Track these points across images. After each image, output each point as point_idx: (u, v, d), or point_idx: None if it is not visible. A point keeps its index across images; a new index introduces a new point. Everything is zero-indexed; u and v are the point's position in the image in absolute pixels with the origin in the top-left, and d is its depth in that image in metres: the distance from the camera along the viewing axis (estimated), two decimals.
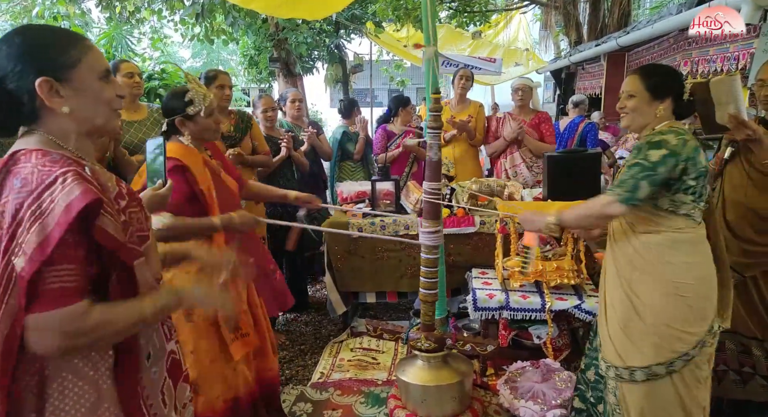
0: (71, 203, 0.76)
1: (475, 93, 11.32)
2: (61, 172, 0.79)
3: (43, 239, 0.75)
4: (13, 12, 6.90)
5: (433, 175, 1.89)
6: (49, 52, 0.84)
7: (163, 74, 4.76)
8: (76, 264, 0.79)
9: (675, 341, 1.46)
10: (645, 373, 1.48)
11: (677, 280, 1.45)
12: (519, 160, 3.35)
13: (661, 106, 1.49)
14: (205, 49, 15.08)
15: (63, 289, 0.77)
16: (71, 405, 0.83)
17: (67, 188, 0.77)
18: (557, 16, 8.00)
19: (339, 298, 2.79)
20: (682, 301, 1.45)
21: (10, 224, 0.76)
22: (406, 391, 1.94)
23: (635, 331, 1.50)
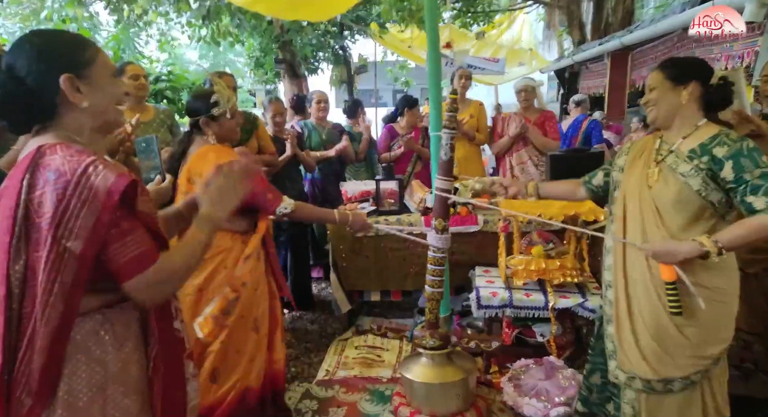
0: (111, 187, 0.85)
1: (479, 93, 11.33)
2: (90, 161, 0.86)
3: (95, 222, 0.84)
4: (22, 15, 6.99)
5: (445, 174, 1.90)
6: (68, 51, 0.92)
7: (170, 76, 4.81)
8: (140, 230, 0.90)
9: (711, 347, 1.44)
10: (683, 383, 1.45)
11: (721, 286, 1.43)
12: (526, 157, 3.35)
13: (684, 92, 1.41)
14: (211, 51, 15.15)
15: (142, 253, 0.89)
16: (83, 385, 0.89)
17: (101, 174, 0.85)
18: (561, 16, 7.99)
19: (344, 296, 2.81)
20: (721, 308, 1.43)
21: (55, 212, 0.82)
22: (411, 389, 1.96)
23: (671, 341, 1.44)
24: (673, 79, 1.43)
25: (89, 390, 0.89)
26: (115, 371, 0.92)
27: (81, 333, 0.90)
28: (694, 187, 1.39)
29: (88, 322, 0.91)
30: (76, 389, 0.88)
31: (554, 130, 3.37)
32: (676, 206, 1.42)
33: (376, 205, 2.89)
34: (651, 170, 1.48)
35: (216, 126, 1.72)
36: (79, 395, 0.88)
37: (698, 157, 1.40)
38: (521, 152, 3.36)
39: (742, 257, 1.84)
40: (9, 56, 0.90)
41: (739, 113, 1.77)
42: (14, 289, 0.83)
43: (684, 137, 1.45)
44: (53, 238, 0.83)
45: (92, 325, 0.91)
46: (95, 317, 0.92)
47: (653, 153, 1.51)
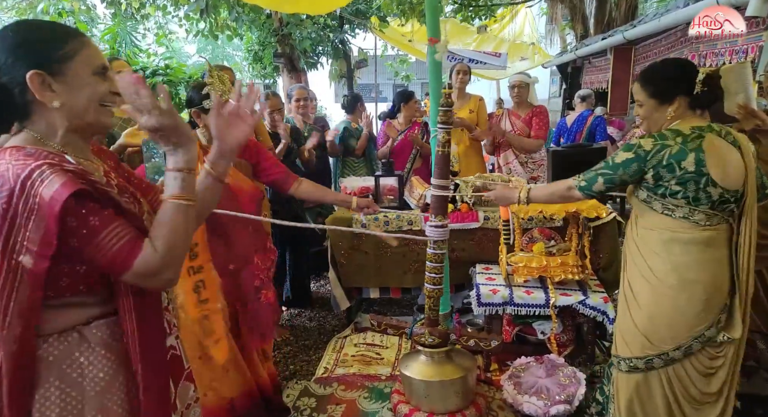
0: (54, 196, 0.75)
1: (481, 88, 11.28)
2: (35, 165, 0.77)
3: (44, 234, 0.75)
4: (18, 8, 6.93)
5: (442, 170, 1.88)
6: (43, 45, 0.83)
7: (167, 70, 4.76)
8: (115, 222, 0.80)
9: (656, 339, 1.47)
10: (627, 364, 1.53)
11: (662, 278, 1.46)
12: (512, 157, 3.36)
13: (670, 108, 1.47)
14: (210, 45, 15.07)
15: (122, 246, 0.80)
16: (57, 412, 0.82)
17: (47, 180, 0.76)
18: (563, 10, 7.93)
19: (343, 293, 2.79)
20: (668, 301, 1.45)
21: (2, 224, 0.76)
22: (410, 387, 1.94)
23: (626, 322, 1.54)
24: (657, 97, 1.49)
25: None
26: (93, 396, 0.84)
27: (54, 354, 0.82)
28: None
29: (62, 343, 0.84)
30: (48, 416, 0.81)
31: (539, 127, 3.33)
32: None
33: (375, 201, 2.86)
34: None
35: (206, 118, 1.69)
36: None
37: None
38: (507, 152, 3.38)
39: None
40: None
41: (745, 107, 1.75)
42: None
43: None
44: (2, 253, 0.76)
45: (66, 346, 0.84)
46: (70, 336, 0.84)
47: None
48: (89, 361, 0.85)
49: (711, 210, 1.42)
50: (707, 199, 1.41)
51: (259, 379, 1.81)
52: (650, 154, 1.41)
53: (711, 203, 1.41)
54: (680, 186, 1.41)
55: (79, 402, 0.83)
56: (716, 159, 1.40)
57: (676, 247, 1.44)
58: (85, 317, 0.86)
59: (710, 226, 1.44)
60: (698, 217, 1.43)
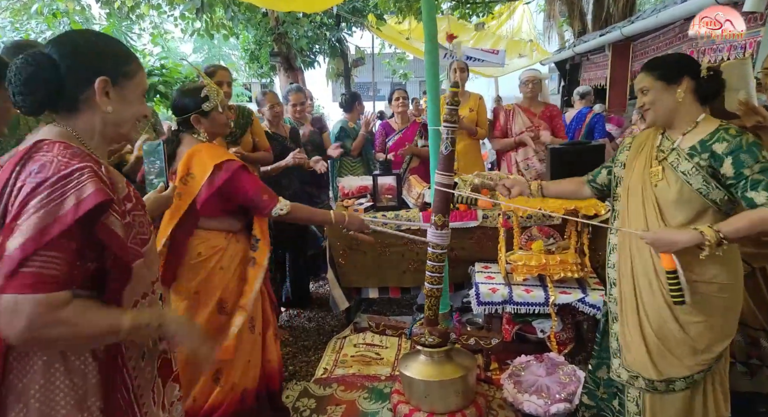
0: (83, 200, 0.79)
1: (479, 85, 11.24)
2: (79, 167, 0.82)
3: (44, 227, 0.77)
4: (12, 9, 6.89)
5: (446, 168, 1.86)
6: (115, 58, 0.94)
7: (163, 70, 4.74)
8: (65, 254, 0.79)
9: (715, 344, 1.42)
10: (686, 382, 1.44)
11: (725, 281, 1.40)
12: (531, 153, 3.31)
13: (679, 89, 1.40)
14: (206, 44, 15.04)
15: (45, 276, 0.76)
16: (61, 396, 0.85)
17: (81, 185, 0.80)
18: (561, 6, 7.91)
19: (342, 293, 2.78)
20: (724, 302, 1.41)
21: (19, 206, 0.79)
22: (410, 387, 1.93)
23: (674, 340, 1.43)
24: (664, 78, 1.43)
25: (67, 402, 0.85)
26: (95, 383, 0.88)
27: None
28: (694, 185, 1.37)
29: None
30: (53, 400, 0.84)
31: (562, 128, 3.34)
32: (678, 205, 1.41)
33: (373, 200, 2.85)
34: (654, 168, 1.47)
35: (207, 121, 1.69)
36: (57, 407, 0.84)
37: (698, 155, 1.38)
38: (527, 148, 3.32)
39: (748, 251, 1.81)
40: (58, 40, 0.91)
41: (746, 104, 1.74)
42: None
43: (684, 134, 1.43)
44: (3, 232, 0.79)
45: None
46: None
47: (655, 150, 1.49)
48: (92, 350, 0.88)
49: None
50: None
51: (269, 365, 1.82)
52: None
53: None
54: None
55: (81, 388, 0.86)
56: None
57: (737, 253, 1.43)
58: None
59: None
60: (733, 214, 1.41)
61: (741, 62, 1.82)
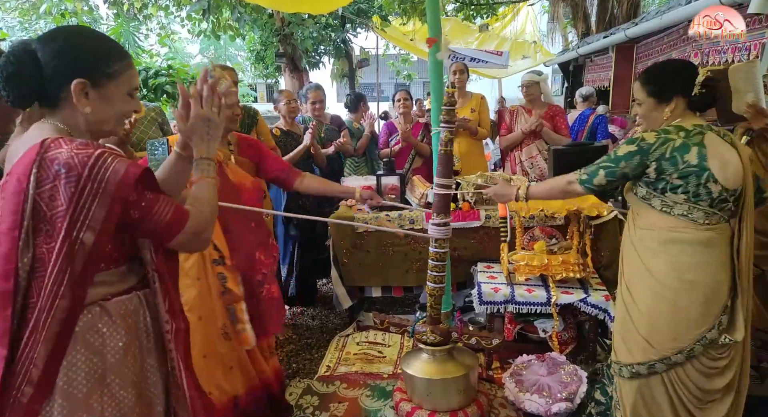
0: (123, 179, 0.87)
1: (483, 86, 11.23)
2: (99, 153, 0.87)
3: (107, 213, 0.87)
4: (21, 9, 6.96)
5: (445, 168, 1.88)
6: (97, 58, 0.94)
7: (170, 70, 4.78)
8: (163, 195, 0.96)
9: (658, 343, 1.45)
10: (629, 370, 1.51)
11: (661, 280, 1.44)
12: (535, 151, 3.32)
13: (667, 109, 1.47)
14: (212, 45, 15.11)
15: (175, 213, 0.95)
16: (82, 376, 0.90)
17: (112, 166, 0.87)
18: (565, 8, 7.90)
19: (345, 292, 2.80)
20: (668, 303, 1.44)
21: (69, 205, 0.84)
22: (412, 385, 1.95)
23: (627, 327, 1.52)
24: (654, 96, 1.49)
25: (88, 381, 0.90)
26: (113, 362, 0.94)
27: (80, 325, 0.91)
28: None
29: (86, 315, 0.93)
30: (75, 380, 0.89)
31: (565, 127, 3.34)
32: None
33: None
34: None
35: None
36: (79, 386, 0.89)
37: None
38: (531, 146, 3.32)
39: (758, 254, 1.78)
40: (43, 38, 0.92)
41: (754, 106, 1.74)
42: (21, 283, 0.85)
43: None
44: (67, 231, 0.85)
45: (90, 318, 0.92)
46: (93, 309, 0.93)
47: None
48: (110, 332, 0.95)
49: (710, 208, 1.41)
50: (707, 195, 1.40)
51: (262, 376, 1.82)
52: (653, 146, 1.41)
53: (711, 200, 1.40)
54: (681, 180, 1.40)
55: (100, 367, 0.93)
56: (716, 155, 1.40)
57: (675, 247, 1.43)
58: (105, 294, 0.97)
59: (709, 225, 1.42)
60: (697, 215, 1.42)
61: (749, 65, 1.81)
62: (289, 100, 3.02)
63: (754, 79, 1.77)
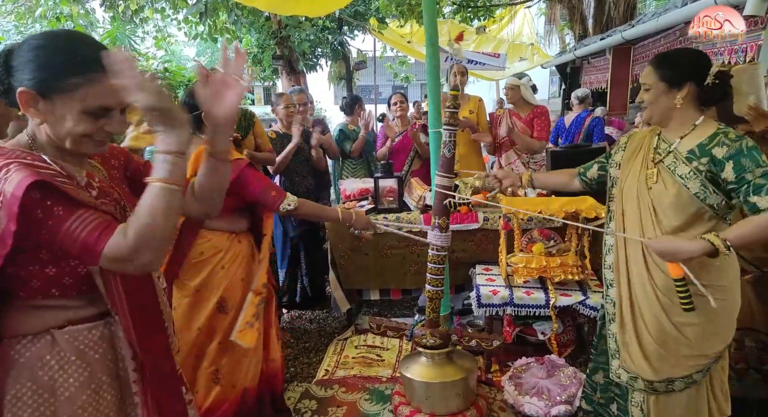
0: (15, 191, 0.77)
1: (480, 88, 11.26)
2: (4, 164, 0.80)
3: (2, 231, 0.77)
4: (17, 12, 6.94)
5: (446, 171, 1.87)
6: (52, 69, 0.84)
7: (166, 73, 4.77)
8: (82, 208, 0.81)
9: (712, 346, 1.42)
10: (685, 382, 1.45)
11: (719, 284, 1.40)
12: (513, 156, 3.37)
13: (678, 95, 1.39)
14: (209, 48, 15.11)
15: (90, 231, 0.80)
16: (29, 413, 0.83)
17: (11, 177, 0.78)
18: (562, 10, 7.94)
19: (343, 295, 2.79)
20: (721, 305, 1.39)
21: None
22: (411, 388, 1.94)
23: (671, 340, 1.44)
24: (667, 81, 1.41)
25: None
26: (64, 401, 0.85)
27: (25, 355, 0.83)
28: (692, 190, 1.37)
29: (34, 344, 0.84)
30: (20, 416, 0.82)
31: (542, 128, 3.33)
32: (674, 208, 1.40)
33: (374, 202, 2.86)
34: (650, 170, 1.45)
35: None
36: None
37: (697, 159, 1.37)
38: (509, 152, 3.38)
39: (760, 256, 1.79)
40: (26, 39, 0.88)
41: (756, 109, 1.73)
42: None
43: (682, 137, 1.42)
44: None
45: (38, 348, 0.84)
46: (43, 338, 0.85)
47: (651, 152, 1.48)
48: (60, 365, 0.85)
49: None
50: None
51: (272, 364, 1.83)
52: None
53: None
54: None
55: (51, 404, 0.84)
56: None
57: (733, 256, 1.43)
58: (59, 320, 0.87)
59: None
60: (729, 219, 1.42)
61: (752, 67, 1.80)
62: (287, 104, 3.02)
63: (756, 82, 1.76)
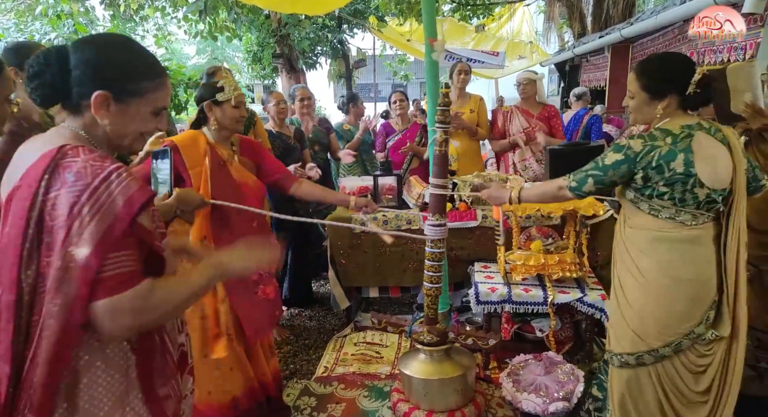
0: (132, 197, 0.81)
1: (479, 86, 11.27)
2: (114, 168, 0.82)
3: (107, 230, 0.78)
4: (17, 10, 6.94)
5: (440, 169, 1.89)
6: (126, 73, 0.89)
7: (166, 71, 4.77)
8: (133, 249, 0.83)
9: (645, 335, 1.48)
10: (619, 359, 1.54)
11: (650, 277, 1.46)
12: (528, 153, 3.33)
13: (660, 105, 1.45)
14: (209, 46, 15.11)
15: (128, 273, 0.81)
16: (104, 394, 0.85)
17: (124, 183, 0.81)
18: (561, 8, 7.93)
19: (342, 292, 2.80)
20: (655, 299, 1.46)
21: (68, 217, 0.77)
22: (409, 385, 1.95)
23: (617, 319, 1.56)
24: (648, 91, 1.46)
25: (109, 399, 0.85)
26: (135, 378, 0.89)
27: (100, 339, 0.85)
28: None
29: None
30: (96, 398, 0.84)
31: (559, 128, 3.35)
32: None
33: (374, 200, 2.87)
34: None
35: (219, 111, 1.73)
36: (100, 404, 0.84)
37: None
38: (523, 149, 3.34)
39: (755, 254, 1.79)
40: (78, 44, 0.89)
41: (752, 106, 1.74)
42: (24, 296, 0.79)
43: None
44: (62, 244, 0.78)
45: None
46: None
47: None
48: (130, 345, 0.89)
49: (697, 210, 1.43)
50: (693, 200, 1.41)
51: (262, 378, 1.83)
52: (639, 155, 1.40)
53: (697, 204, 1.42)
54: (667, 187, 1.40)
55: (123, 384, 0.87)
56: (705, 158, 1.39)
57: (662, 246, 1.45)
58: None
59: (696, 225, 1.44)
60: (684, 218, 1.43)
61: (748, 65, 1.82)
62: (278, 101, 3.02)
63: (752, 79, 1.77)
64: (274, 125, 3.05)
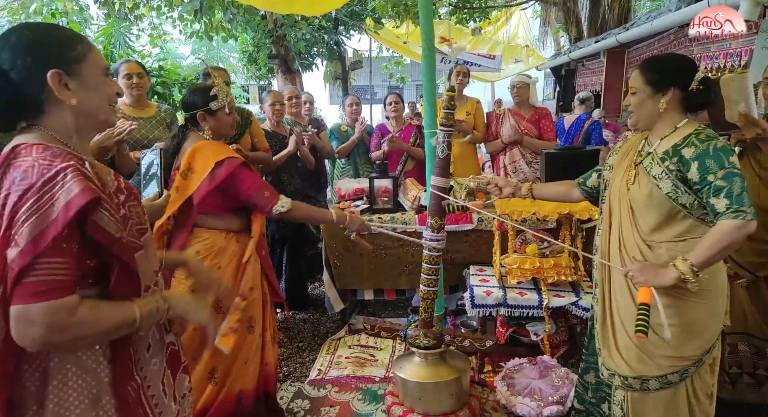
0: (71, 201, 0.77)
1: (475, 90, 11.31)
2: (62, 167, 0.79)
3: (38, 234, 0.75)
4: (10, 8, 6.88)
5: (441, 172, 1.88)
6: (59, 46, 0.87)
7: (161, 71, 4.75)
8: (68, 258, 0.78)
9: (690, 348, 1.42)
10: (659, 382, 1.45)
11: (707, 288, 1.38)
12: (518, 156, 3.35)
13: (663, 99, 1.41)
14: (204, 46, 15.05)
15: (52, 282, 0.76)
16: (75, 396, 0.83)
17: (68, 185, 0.77)
18: (557, 13, 7.98)
19: (337, 295, 2.79)
20: (702, 307, 1.40)
21: (9, 216, 0.76)
22: (404, 388, 1.94)
23: (647, 342, 1.41)
24: (652, 84, 1.43)
25: (81, 402, 0.83)
26: (107, 382, 0.87)
27: None
28: (663, 190, 1.39)
29: None
30: (67, 401, 0.82)
31: (549, 130, 3.36)
32: (648, 208, 1.42)
33: (369, 203, 2.86)
34: (631, 172, 1.49)
35: (213, 120, 1.72)
36: (71, 408, 0.82)
37: (669, 159, 1.40)
38: (513, 151, 3.37)
39: (752, 261, 1.80)
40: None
41: (746, 116, 1.75)
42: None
43: (662, 138, 1.45)
44: (1, 244, 0.76)
45: None
46: None
47: (636, 154, 1.51)
48: (102, 348, 0.87)
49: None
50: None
51: (265, 367, 1.83)
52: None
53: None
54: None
55: (93, 387, 0.85)
56: None
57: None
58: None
59: None
60: (709, 220, 1.39)
61: (741, 76, 1.83)
62: (275, 101, 3.01)
63: (745, 90, 1.78)
64: (270, 125, 3.04)
